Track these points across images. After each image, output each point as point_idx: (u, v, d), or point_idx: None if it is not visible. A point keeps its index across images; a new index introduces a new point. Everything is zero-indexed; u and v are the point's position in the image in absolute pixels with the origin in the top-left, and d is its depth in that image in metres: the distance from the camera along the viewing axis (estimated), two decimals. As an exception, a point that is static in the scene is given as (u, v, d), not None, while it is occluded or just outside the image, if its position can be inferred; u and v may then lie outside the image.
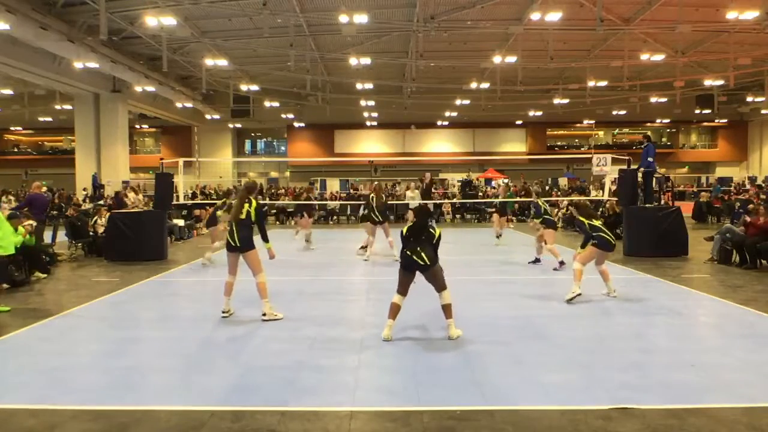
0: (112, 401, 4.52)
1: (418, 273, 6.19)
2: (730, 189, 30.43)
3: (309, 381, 4.97)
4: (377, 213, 12.38)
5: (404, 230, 6.34)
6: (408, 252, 6.16)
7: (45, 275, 10.42)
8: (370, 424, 4.14)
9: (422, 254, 6.06)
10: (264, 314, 7.10)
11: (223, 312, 7.28)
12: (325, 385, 4.86)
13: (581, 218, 8.49)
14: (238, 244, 7.07)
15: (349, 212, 25.22)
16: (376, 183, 16.81)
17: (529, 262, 11.72)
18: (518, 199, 20.89)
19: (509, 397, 4.56)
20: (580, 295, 7.95)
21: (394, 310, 6.20)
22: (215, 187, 31.59)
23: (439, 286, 6.22)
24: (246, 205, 7.21)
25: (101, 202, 19.98)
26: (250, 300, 7.77)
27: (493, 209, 17.53)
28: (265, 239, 7.25)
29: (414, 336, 6.36)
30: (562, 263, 10.87)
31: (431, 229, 6.28)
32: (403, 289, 6.22)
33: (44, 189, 17.70)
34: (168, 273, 11.09)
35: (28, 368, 5.39)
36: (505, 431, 3.96)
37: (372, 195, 12.71)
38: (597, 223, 8.38)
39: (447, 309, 6.22)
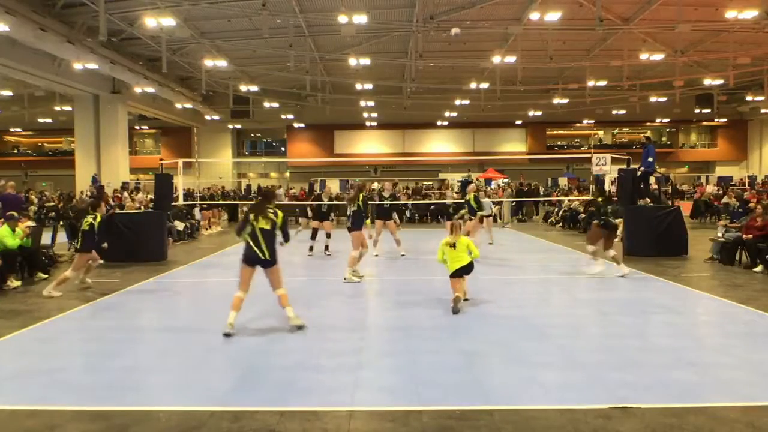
0: (112, 401, 4.52)
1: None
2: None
3: (309, 381, 4.97)
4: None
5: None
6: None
7: (46, 276, 10.41)
8: (369, 424, 4.14)
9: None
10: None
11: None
12: (324, 385, 4.86)
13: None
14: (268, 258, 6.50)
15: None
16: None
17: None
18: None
19: (509, 397, 4.56)
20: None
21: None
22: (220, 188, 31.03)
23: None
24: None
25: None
26: (249, 302, 7.73)
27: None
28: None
29: (414, 336, 6.36)
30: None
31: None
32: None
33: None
34: (168, 273, 11.09)
35: (28, 369, 5.39)
36: (505, 431, 3.96)
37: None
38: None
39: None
